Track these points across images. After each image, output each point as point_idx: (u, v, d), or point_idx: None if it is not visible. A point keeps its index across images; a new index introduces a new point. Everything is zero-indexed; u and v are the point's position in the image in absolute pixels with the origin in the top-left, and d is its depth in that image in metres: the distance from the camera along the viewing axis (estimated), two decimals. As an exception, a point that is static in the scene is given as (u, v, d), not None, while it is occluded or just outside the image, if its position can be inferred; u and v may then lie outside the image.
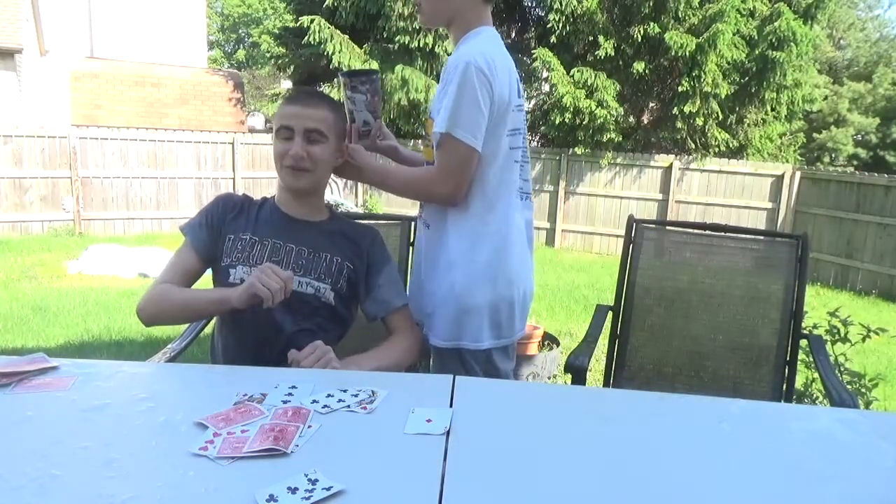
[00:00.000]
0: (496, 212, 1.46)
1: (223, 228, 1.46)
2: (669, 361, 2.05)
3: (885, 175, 7.46)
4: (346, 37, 8.72)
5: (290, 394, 1.03)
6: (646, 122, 9.35)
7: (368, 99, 1.48)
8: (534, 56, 8.45)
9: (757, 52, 8.14)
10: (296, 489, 0.77)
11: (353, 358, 1.35)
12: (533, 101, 9.92)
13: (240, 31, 29.95)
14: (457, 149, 1.37)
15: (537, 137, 10.14)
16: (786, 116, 9.07)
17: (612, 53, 8.25)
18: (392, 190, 1.57)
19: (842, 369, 2.79)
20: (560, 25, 8.29)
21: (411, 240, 1.87)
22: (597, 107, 8.16)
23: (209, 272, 1.48)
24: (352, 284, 1.47)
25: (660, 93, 9.09)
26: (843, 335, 2.78)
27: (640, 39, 8.17)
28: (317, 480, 0.79)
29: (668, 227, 2.20)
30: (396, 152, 1.63)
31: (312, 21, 8.47)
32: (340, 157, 1.47)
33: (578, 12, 8.14)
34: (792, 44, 7.85)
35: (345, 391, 1.05)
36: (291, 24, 10.35)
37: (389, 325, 1.48)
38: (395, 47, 8.64)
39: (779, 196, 8.12)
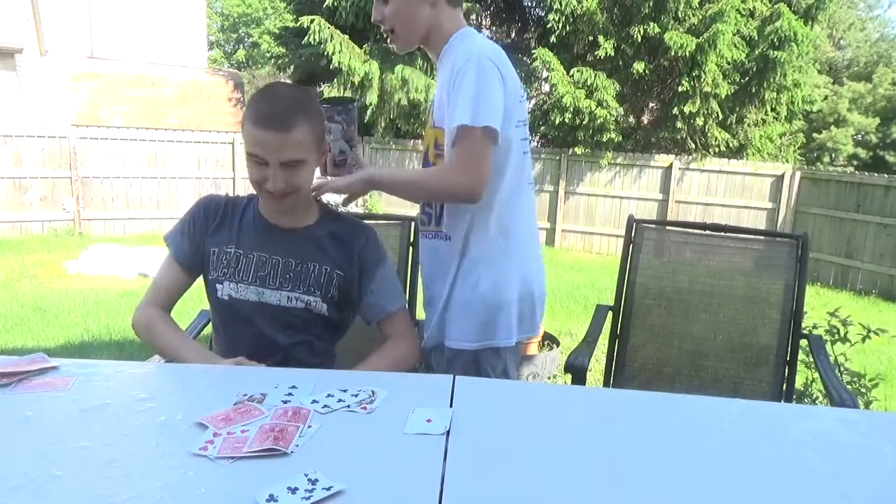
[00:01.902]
0: (516, 205, 1.45)
1: (206, 240, 1.40)
2: (669, 361, 2.05)
3: (885, 175, 7.47)
4: (346, 37, 8.72)
5: (290, 394, 1.03)
6: (646, 122, 9.36)
7: (344, 128, 1.42)
8: (534, 56, 8.45)
9: (757, 52, 8.14)
10: (296, 489, 0.77)
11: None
12: (533, 101, 9.92)
13: (240, 31, 29.95)
14: (477, 136, 1.31)
15: (537, 137, 10.14)
16: (786, 116, 9.08)
17: (612, 53, 8.25)
18: (404, 192, 1.50)
19: (842, 369, 2.80)
20: (560, 25, 8.29)
21: (411, 240, 1.86)
22: (597, 107, 8.16)
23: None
24: (344, 291, 1.40)
25: (660, 93, 9.09)
26: (842, 335, 2.78)
27: (640, 39, 8.17)
28: (317, 480, 0.79)
29: (668, 227, 2.20)
30: None
31: (312, 21, 8.47)
32: (323, 158, 1.39)
33: (578, 12, 8.14)
34: (793, 44, 7.85)
35: (345, 391, 1.05)
36: (291, 24, 10.36)
37: (384, 330, 1.43)
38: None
39: (779, 196, 8.12)
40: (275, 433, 0.89)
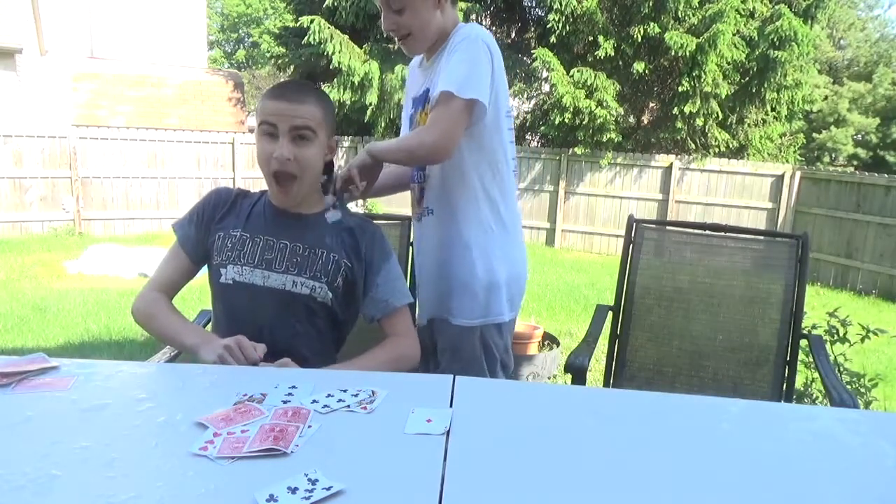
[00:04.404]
0: (506, 190, 1.54)
1: (212, 226, 1.40)
2: (669, 361, 2.05)
3: (885, 175, 7.47)
4: (346, 37, 8.73)
5: (290, 394, 1.03)
6: (646, 122, 9.35)
7: None
8: (534, 56, 8.45)
9: (757, 52, 8.14)
10: (296, 489, 0.77)
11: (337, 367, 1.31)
12: (533, 101, 9.92)
13: (240, 31, 29.97)
14: (457, 105, 1.38)
15: (537, 137, 10.14)
16: (786, 116, 9.07)
17: (612, 53, 8.25)
18: (392, 157, 1.52)
19: (842, 369, 2.80)
20: (560, 25, 8.29)
21: (411, 239, 1.86)
22: (597, 107, 8.16)
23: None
24: (349, 283, 1.40)
25: (660, 93, 9.09)
26: (842, 335, 2.78)
27: (640, 39, 8.17)
28: (317, 480, 0.79)
29: (668, 227, 2.20)
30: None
31: (312, 21, 8.47)
32: (330, 155, 1.41)
33: (578, 12, 8.14)
34: (793, 44, 7.85)
35: (345, 391, 1.05)
36: (291, 24, 10.36)
37: (386, 328, 1.41)
38: (395, 47, 8.62)
39: (779, 196, 8.12)
40: (275, 433, 0.89)
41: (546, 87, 9.42)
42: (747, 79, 8.45)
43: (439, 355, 1.63)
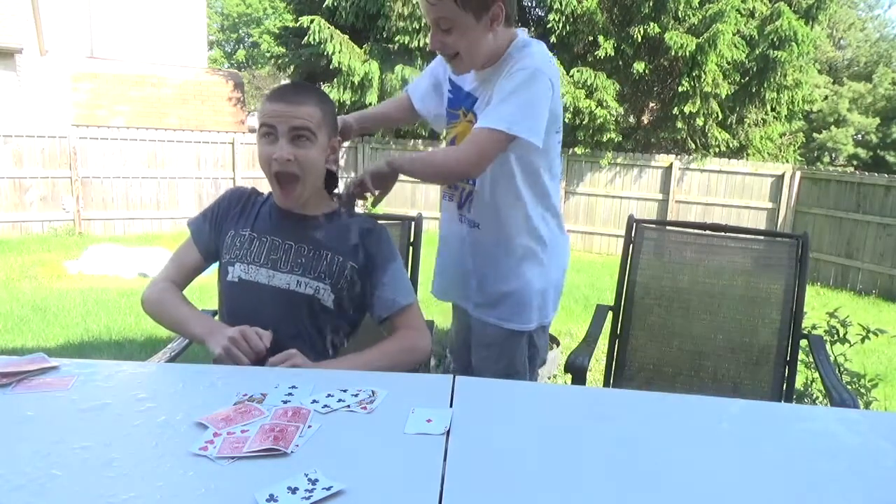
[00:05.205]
0: (553, 201, 1.59)
1: (225, 224, 1.43)
2: (669, 361, 2.05)
3: (885, 175, 7.47)
4: (346, 37, 8.73)
5: (290, 394, 1.03)
6: (646, 122, 9.35)
7: None
8: (534, 56, 8.44)
9: (757, 51, 8.14)
10: (296, 489, 0.77)
11: (339, 360, 1.31)
12: (533, 101, 9.90)
13: (240, 30, 29.98)
14: (500, 138, 1.37)
15: (537, 137, 10.13)
16: (786, 116, 9.07)
17: (612, 53, 8.25)
18: (418, 169, 1.51)
19: (842, 369, 2.80)
20: (560, 25, 8.28)
21: (411, 239, 1.87)
22: (597, 107, 8.16)
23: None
24: (354, 285, 1.40)
25: (660, 93, 9.08)
26: (842, 336, 2.78)
27: (640, 39, 8.17)
28: (317, 480, 0.79)
29: (668, 227, 2.20)
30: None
31: (312, 21, 8.47)
32: (332, 155, 1.40)
33: (578, 12, 8.14)
34: (793, 43, 7.85)
35: (345, 391, 1.05)
36: (291, 24, 10.35)
37: (395, 324, 1.41)
38: (395, 47, 8.64)
39: (779, 196, 8.12)
40: (275, 433, 0.89)
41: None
42: (747, 79, 8.45)
43: (474, 351, 1.66)
